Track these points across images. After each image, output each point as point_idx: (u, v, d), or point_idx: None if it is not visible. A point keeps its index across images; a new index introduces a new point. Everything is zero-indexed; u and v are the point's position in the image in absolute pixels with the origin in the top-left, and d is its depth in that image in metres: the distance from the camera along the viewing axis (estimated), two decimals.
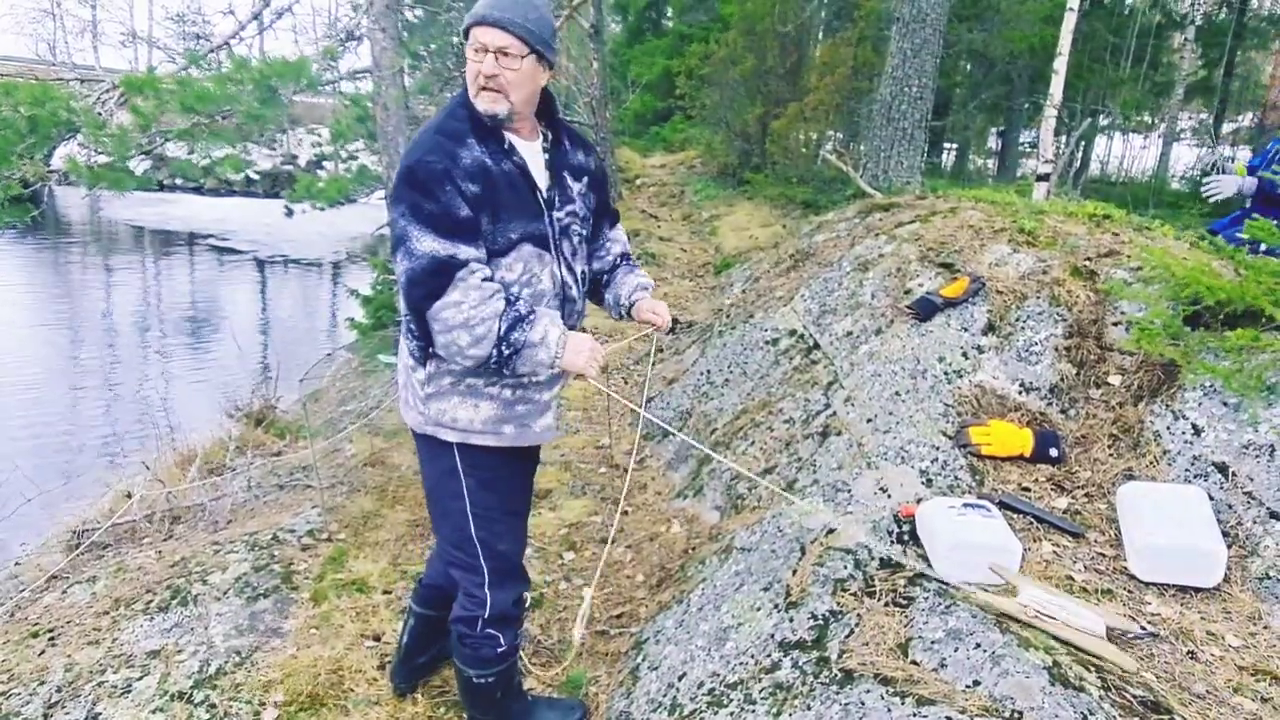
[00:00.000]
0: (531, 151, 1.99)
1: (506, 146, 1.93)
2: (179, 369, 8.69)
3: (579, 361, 1.89)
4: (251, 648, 2.71)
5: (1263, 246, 3.29)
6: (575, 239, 2.09)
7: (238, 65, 5.42)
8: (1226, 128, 16.68)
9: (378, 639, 2.75)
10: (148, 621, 2.86)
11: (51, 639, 2.87)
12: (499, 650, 2.19)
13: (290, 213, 6.93)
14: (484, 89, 1.88)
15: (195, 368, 8.73)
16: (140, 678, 2.60)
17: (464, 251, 1.81)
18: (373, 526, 3.47)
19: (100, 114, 5.67)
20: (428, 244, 1.79)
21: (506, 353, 1.82)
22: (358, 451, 4.32)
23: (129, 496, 3.98)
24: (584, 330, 2.14)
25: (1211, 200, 3.91)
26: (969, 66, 13.13)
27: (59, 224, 17.50)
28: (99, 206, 18.18)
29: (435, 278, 1.79)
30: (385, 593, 3.00)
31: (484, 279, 1.83)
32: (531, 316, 1.85)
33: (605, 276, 2.31)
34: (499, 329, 1.80)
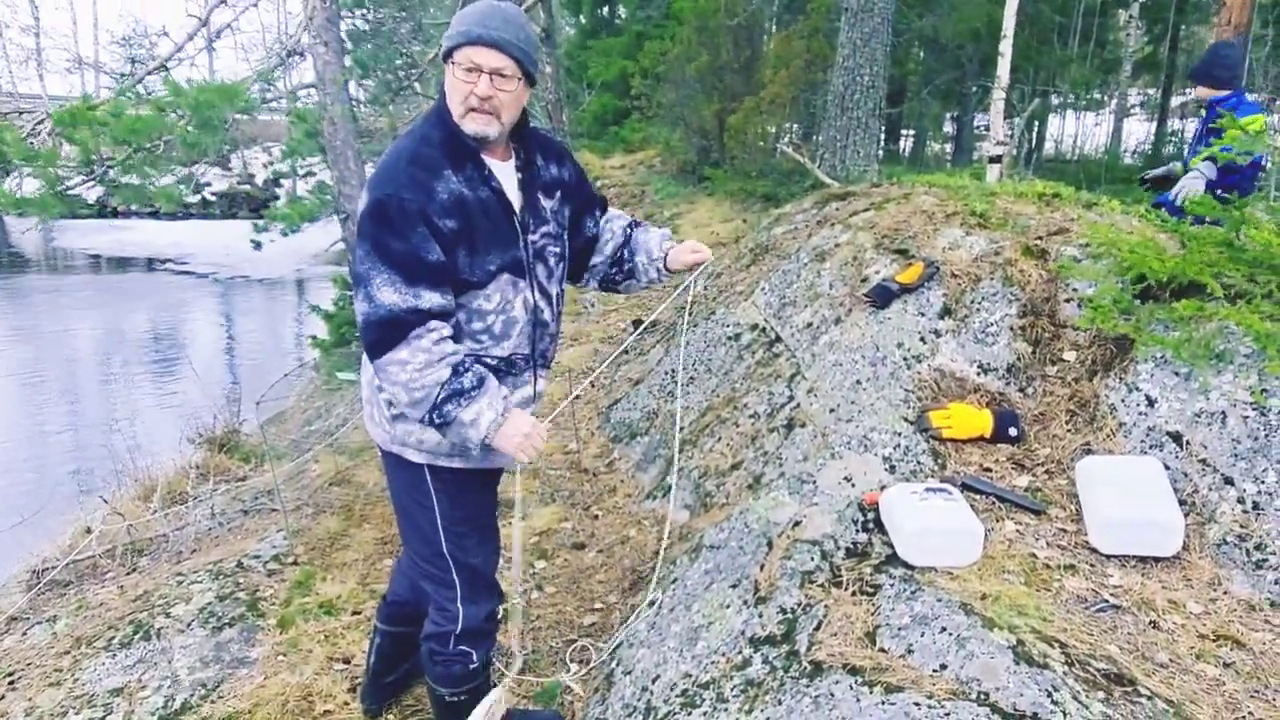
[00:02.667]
0: (506, 173, 1.93)
1: (485, 172, 1.87)
2: (143, 398, 8.53)
3: (508, 446, 1.83)
4: (218, 679, 2.66)
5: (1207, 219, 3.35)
6: (551, 260, 2.04)
7: (173, 90, 5.30)
8: (1175, 101, 17.00)
9: (347, 661, 2.71)
10: (110, 659, 2.79)
11: (11, 683, 2.80)
12: (471, 667, 2.17)
13: (259, 245, 6.77)
14: (475, 110, 1.81)
15: (159, 395, 8.58)
16: (103, 717, 2.54)
17: (426, 299, 1.76)
18: (340, 547, 3.42)
19: (33, 145, 5.52)
20: (388, 295, 1.74)
21: (438, 422, 1.79)
22: (323, 471, 4.26)
23: (89, 532, 3.89)
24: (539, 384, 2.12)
25: (1187, 197, 3.78)
26: (921, 53, 13.26)
27: (12, 257, 17.12)
28: (52, 237, 17.83)
29: (389, 330, 1.75)
30: (354, 614, 2.96)
31: (438, 340, 1.77)
32: (472, 393, 1.79)
33: (624, 251, 2.19)
34: (436, 397, 1.76)
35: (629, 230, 2.22)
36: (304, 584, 3.13)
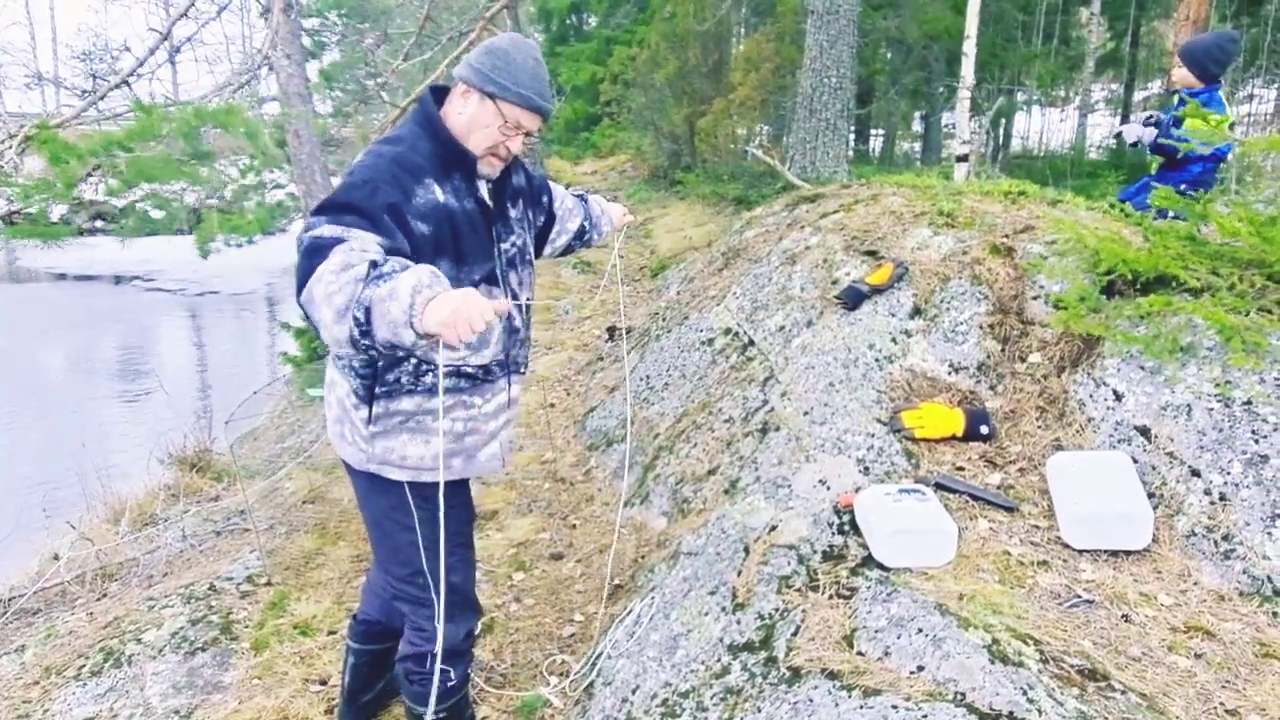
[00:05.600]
0: (482, 185, 1.97)
1: (474, 184, 1.90)
2: (111, 418, 8.37)
3: (434, 321, 1.42)
4: (191, 705, 2.61)
5: (1170, 213, 3.40)
6: (520, 269, 2.07)
7: (158, 115, 5.20)
8: (1137, 96, 17.29)
9: (324, 683, 2.66)
10: (80, 688, 2.73)
11: None
12: (449, 685, 2.15)
13: (205, 254, 6.65)
14: (497, 157, 1.89)
15: (128, 415, 8.43)
16: None
17: (360, 238, 1.57)
18: (314, 566, 3.37)
19: (3, 166, 5.41)
20: (324, 229, 1.57)
21: (359, 315, 1.45)
22: (297, 489, 4.20)
23: (57, 558, 3.81)
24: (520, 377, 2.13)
25: (1122, 139, 4.18)
26: (888, 54, 13.38)
27: None
28: (15, 256, 17.50)
29: (314, 257, 1.53)
30: (330, 633, 2.92)
31: (361, 248, 1.55)
32: (390, 272, 1.50)
33: (586, 223, 2.42)
34: (357, 292, 1.46)
35: (584, 205, 2.44)
36: (278, 605, 3.08)
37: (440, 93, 1.94)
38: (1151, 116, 4.03)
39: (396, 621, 2.29)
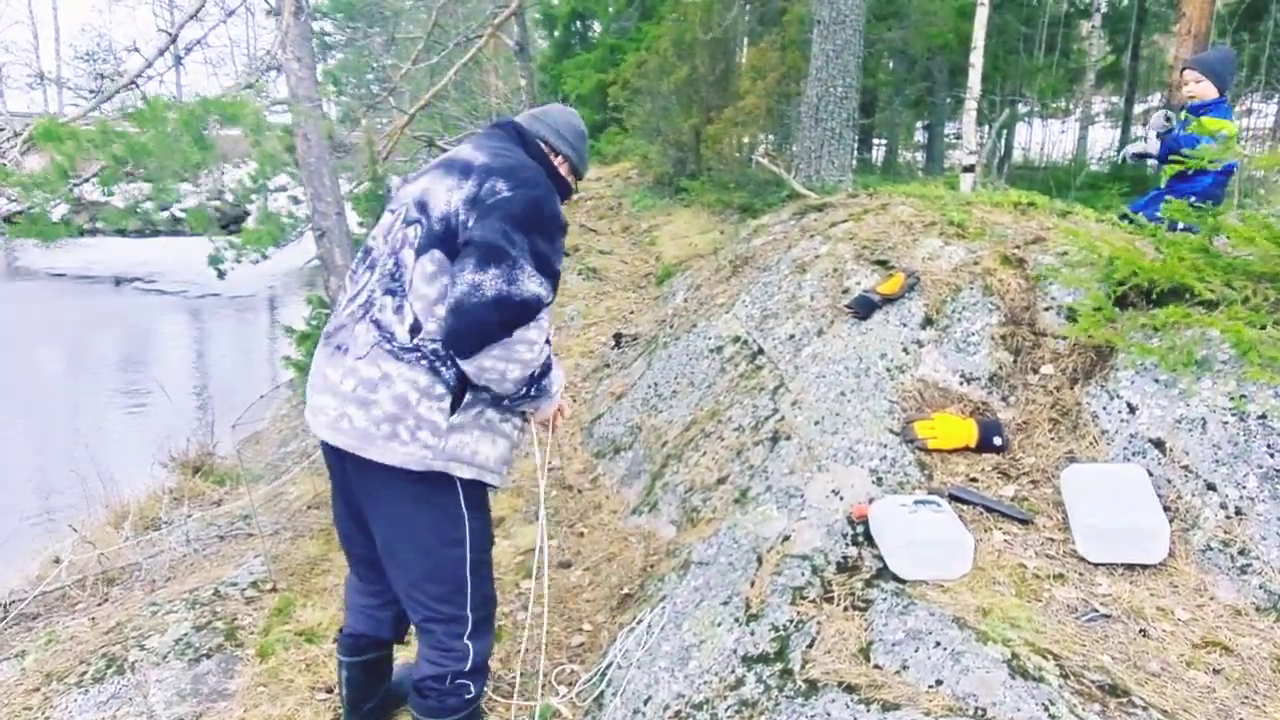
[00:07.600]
0: None
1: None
2: (112, 421, 8.34)
3: (549, 407, 2.11)
4: (196, 714, 2.58)
5: (1180, 225, 3.40)
6: None
7: (160, 105, 5.17)
8: (1137, 109, 17.34)
9: (330, 691, 2.64)
10: (82, 695, 2.70)
11: None
12: (466, 698, 2.11)
13: (223, 275, 6.61)
14: None
15: (129, 418, 8.40)
16: None
17: (549, 297, 1.93)
18: (319, 572, 3.35)
19: (5, 163, 5.38)
20: (533, 285, 1.85)
21: (528, 392, 1.94)
22: (301, 494, 4.18)
23: (58, 561, 3.78)
24: None
25: (1132, 154, 4.20)
26: (891, 64, 13.41)
27: None
28: (15, 256, 17.48)
29: (523, 313, 1.85)
30: (336, 641, 2.89)
31: (547, 324, 1.97)
32: (555, 361, 2.04)
33: None
34: (538, 371, 1.92)
35: None
36: (284, 611, 3.06)
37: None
38: (1170, 111, 4.07)
39: (385, 632, 2.29)
